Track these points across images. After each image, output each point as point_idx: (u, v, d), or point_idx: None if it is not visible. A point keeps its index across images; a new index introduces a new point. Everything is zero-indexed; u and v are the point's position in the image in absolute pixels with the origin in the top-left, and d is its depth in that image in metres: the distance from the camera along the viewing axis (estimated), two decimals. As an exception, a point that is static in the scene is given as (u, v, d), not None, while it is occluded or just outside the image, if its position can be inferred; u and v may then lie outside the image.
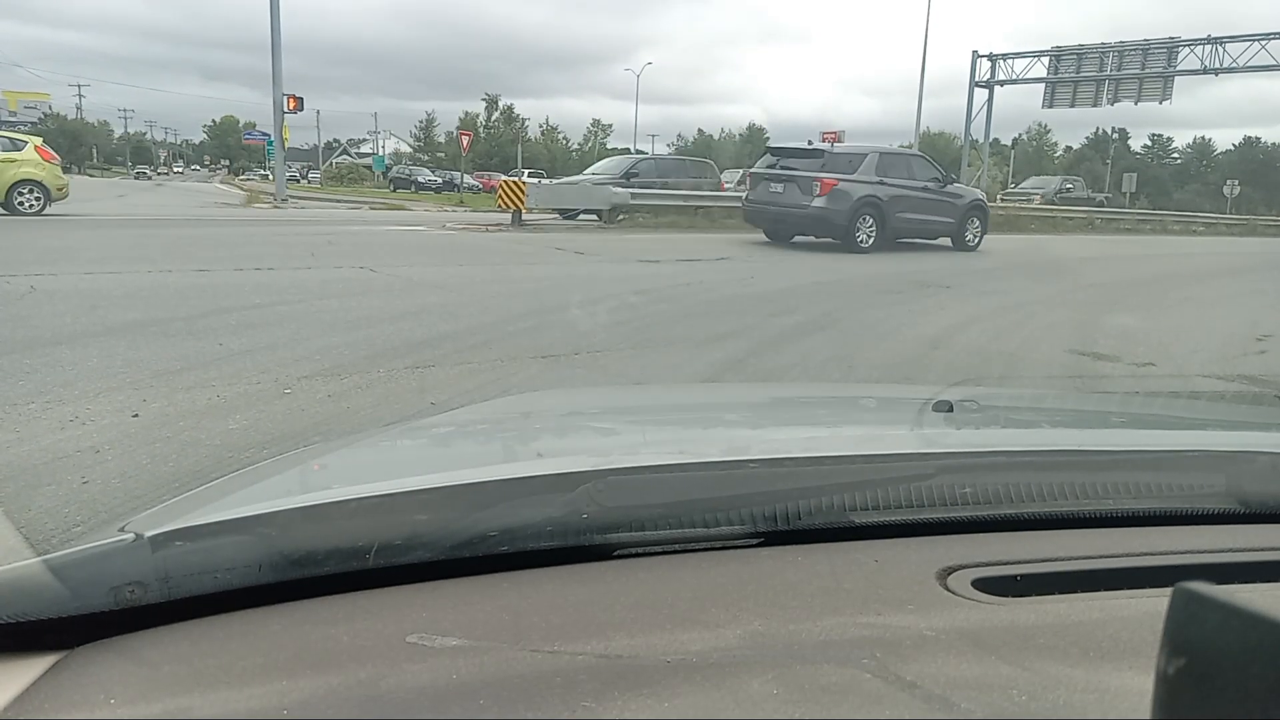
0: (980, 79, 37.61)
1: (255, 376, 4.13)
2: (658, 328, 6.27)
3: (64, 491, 2.59)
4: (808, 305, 7.68)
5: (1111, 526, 0.86)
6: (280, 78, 22.58)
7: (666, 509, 0.78)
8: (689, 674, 0.56)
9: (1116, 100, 35.37)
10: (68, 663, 0.58)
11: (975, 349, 6.01)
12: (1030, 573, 0.74)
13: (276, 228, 13.61)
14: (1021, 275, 11.95)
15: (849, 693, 0.54)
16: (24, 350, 4.42)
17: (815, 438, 1.25)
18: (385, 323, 5.72)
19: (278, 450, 1.52)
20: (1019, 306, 8.41)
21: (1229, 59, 31.97)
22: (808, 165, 13.79)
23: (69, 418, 3.33)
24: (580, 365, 4.85)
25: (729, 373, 4.84)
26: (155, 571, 0.63)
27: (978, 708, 0.53)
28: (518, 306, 6.83)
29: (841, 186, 13.30)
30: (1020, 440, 1.22)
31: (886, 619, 0.64)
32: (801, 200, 13.49)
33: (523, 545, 0.73)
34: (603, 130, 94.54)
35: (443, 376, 4.38)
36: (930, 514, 0.82)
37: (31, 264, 7.54)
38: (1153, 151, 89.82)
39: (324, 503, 0.75)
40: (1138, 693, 0.52)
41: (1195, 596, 0.37)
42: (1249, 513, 0.90)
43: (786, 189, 13.82)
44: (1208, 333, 7.64)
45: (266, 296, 6.50)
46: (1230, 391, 4.98)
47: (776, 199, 13.96)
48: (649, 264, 10.52)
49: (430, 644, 0.59)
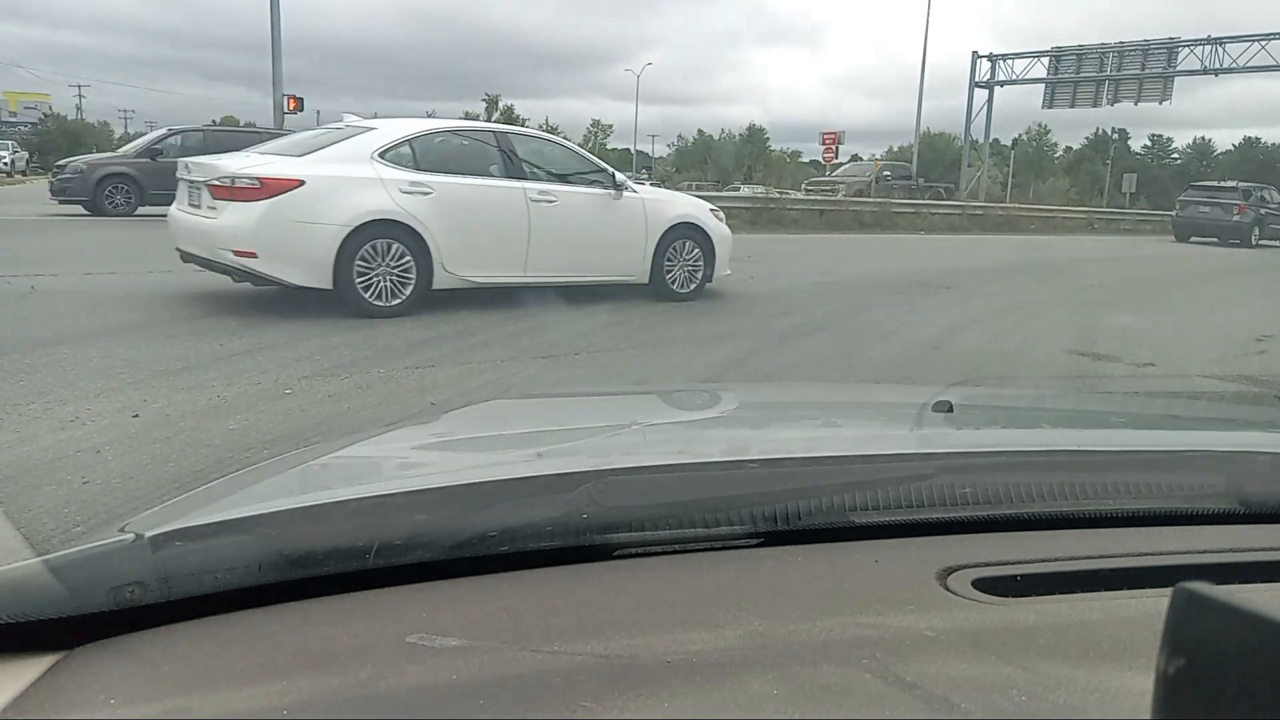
0: (980, 79, 37.59)
1: (255, 376, 4.13)
2: (658, 327, 6.27)
3: (64, 491, 2.59)
4: (808, 305, 7.68)
5: (1111, 526, 0.86)
6: (280, 78, 22.57)
7: (666, 509, 0.78)
8: (689, 674, 0.56)
9: (1116, 101, 35.35)
10: (68, 663, 0.58)
11: (975, 349, 6.01)
12: (1030, 573, 0.74)
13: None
14: (1023, 276, 11.95)
15: (849, 693, 0.54)
16: (24, 350, 4.43)
17: (815, 438, 1.25)
18: (385, 322, 5.72)
19: (278, 450, 1.52)
20: (1019, 307, 8.41)
21: (1229, 59, 31.95)
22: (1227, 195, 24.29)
23: (69, 418, 3.33)
24: (580, 365, 4.85)
25: (729, 373, 4.85)
26: (155, 571, 0.63)
27: (978, 708, 0.53)
28: (517, 306, 6.83)
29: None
30: (1020, 440, 1.22)
31: (886, 619, 0.64)
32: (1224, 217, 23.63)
33: (522, 545, 0.72)
34: (603, 131, 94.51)
35: (443, 376, 4.38)
36: (930, 514, 0.82)
37: (32, 264, 7.54)
38: (1153, 152, 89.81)
39: (324, 503, 0.75)
40: (1138, 693, 0.52)
41: (1195, 596, 0.37)
42: (1249, 513, 0.90)
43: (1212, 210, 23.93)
44: (1208, 333, 7.64)
45: (266, 296, 6.50)
46: (1230, 391, 4.98)
47: (1205, 215, 24.07)
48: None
49: (430, 644, 0.59)
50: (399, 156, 6.14)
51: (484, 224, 6.36)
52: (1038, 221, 26.93)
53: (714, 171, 54.26)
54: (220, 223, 5.64)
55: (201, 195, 5.88)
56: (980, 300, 8.79)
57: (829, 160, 33.55)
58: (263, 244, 5.54)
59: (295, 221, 5.61)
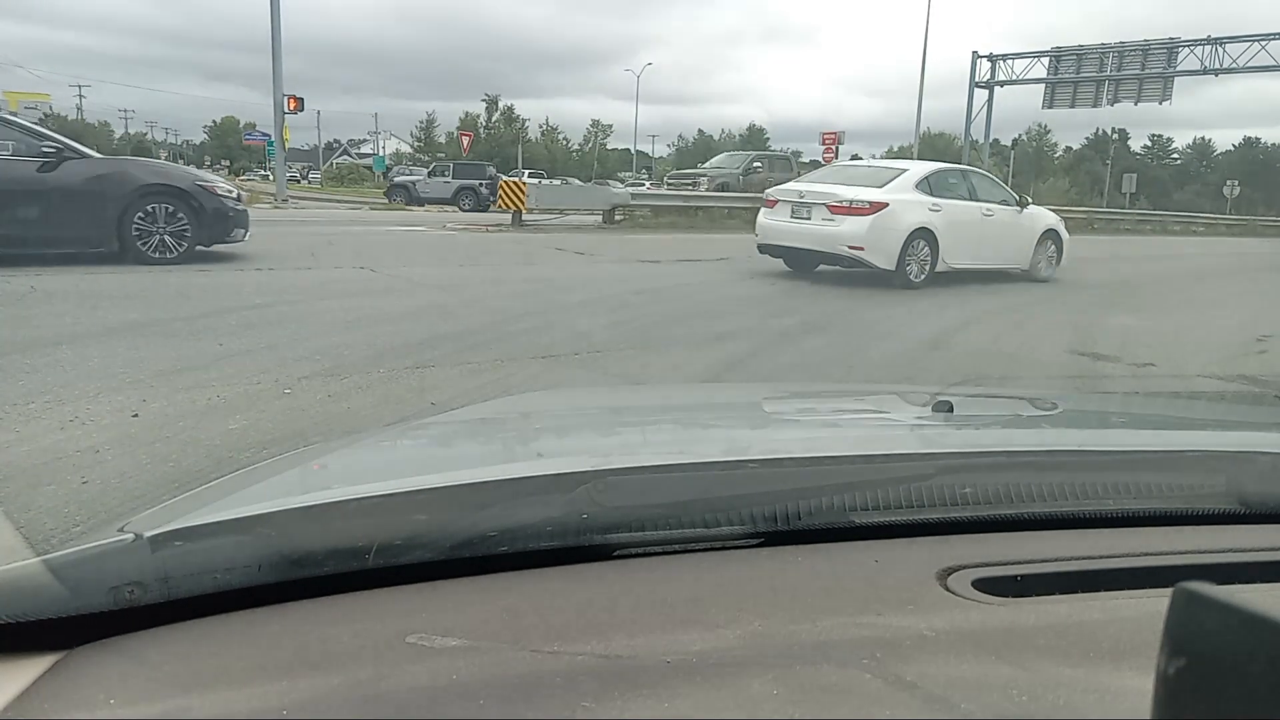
0: (980, 79, 37.60)
1: (255, 376, 4.13)
2: (658, 328, 6.27)
3: (64, 491, 2.59)
4: (808, 305, 7.68)
5: (1111, 526, 0.86)
6: (280, 78, 22.56)
7: (666, 509, 0.78)
8: (689, 674, 0.56)
9: (1116, 101, 35.36)
10: (68, 663, 0.58)
11: (975, 349, 6.01)
12: (1030, 573, 0.74)
13: (277, 228, 13.60)
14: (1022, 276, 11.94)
15: (849, 693, 0.54)
16: (24, 350, 4.43)
17: (815, 438, 1.25)
18: (385, 323, 5.72)
19: (278, 450, 1.52)
20: (1019, 307, 8.41)
21: (1229, 59, 31.95)
22: None
23: (69, 418, 3.33)
24: (580, 365, 4.85)
25: (729, 373, 4.84)
26: (155, 571, 0.63)
27: (978, 708, 0.53)
28: (518, 306, 6.84)
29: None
30: (1020, 440, 1.22)
31: (886, 619, 0.64)
32: None
33: (522, 545, 0.72)
34: (603, 131, 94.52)
35: (443, 376, 4.38)
36: (930, 514, 0.82)
37: (32, 264, 7.54)
38: (1153, 152, 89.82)
39: (324, 503, 0.75)
40: (1138, 693, 0.52)
41: (1195, 596, 0.37)
42: (1249, 513, 0.90)
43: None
44: (1208, 333, 7.64)
45: (267, 296, 6.50)
46: (1230, 391, 4.98)
47: None
48: (649, 264, 10.52)
49: (430, 644, 0.59)
50: (924, 186, 9.74)
51: (965, 230, 9.89)
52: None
53: (714, 171, 54.33)
54: (840, 229, 9.12)
55: (813, 211, 9.40)
56: (980, 300, 8.79)
57: (829, 160, 33.54)
58: (868, 241, 9.03)
59: (884, 228, 9.07)
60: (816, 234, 9.30)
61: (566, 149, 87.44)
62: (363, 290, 7.26)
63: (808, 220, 9.41)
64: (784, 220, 9.67)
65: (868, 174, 10.25)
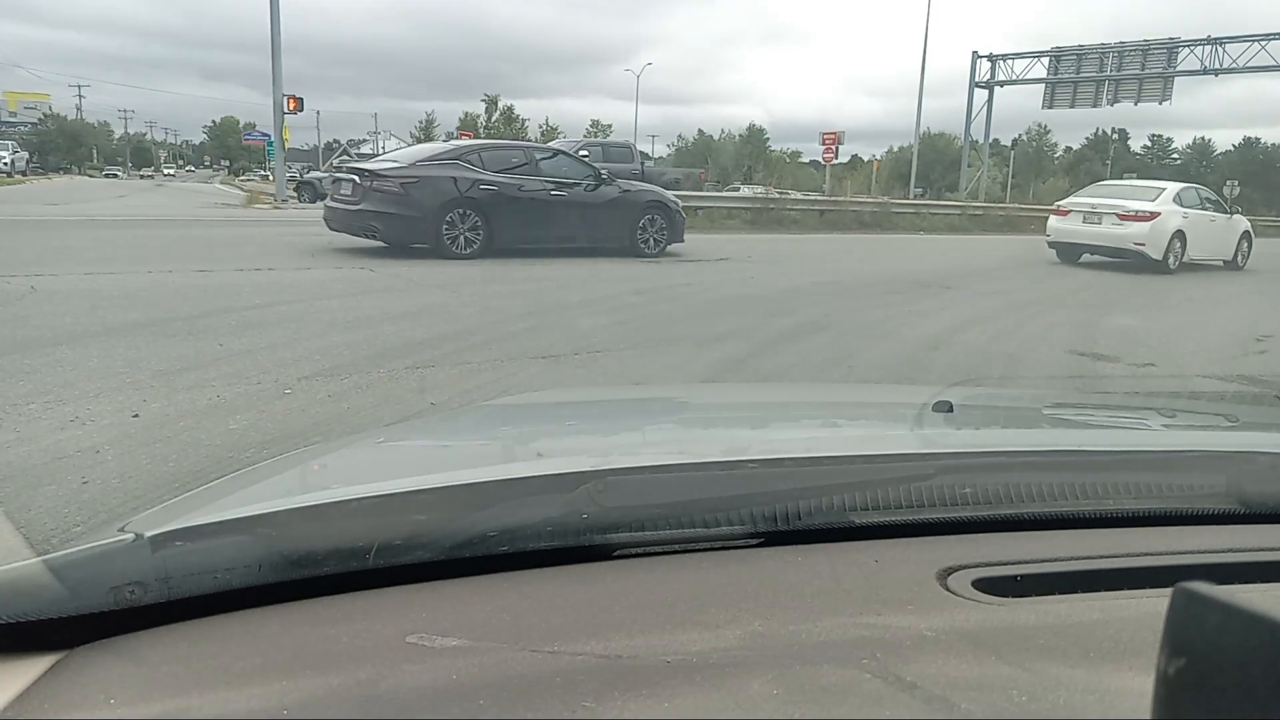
0: (980, 79, 37.61)
1: (255, 376, 4.13)
2: (657, 328, 6.27)
3: (64, 491, 2.59)
4: (808, 306, 7.69)
5: (1111, 526, 0.86)
6: (280, 78, 22.56)
7: (666, 509, 0.78)
8: (689, 674, 0.56)
9: (1116, 101, 35.38)
10: (68, 663, 0.58)
11: (975, 349, 6.01)
12: (1030, 573, 0.74)
13: (277, 228, 13.61)
14: (1023, 276, 11.96)
15: (849, 693, 0.54)
16: (24, 350, 4.42)
17: (815, 438, 1.25)
18: (385, 323, 5.72)
19: (278, 450, 1.52)
20: (1019, 307, 8.41)
21: (1229, 59, 31.98)
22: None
23: (69, 418, 3.33)
24: (580, 365, 4.85)
25: (729, 373, 4.84)
26: (155, 571, 0.63)
27: (978, 708, 0.53)
28: (518, 306, 6.83)
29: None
30: (1020, 440, 1.22)
31: (886, 619, 0.64)
32: None
33: (523, 545, 0.72)
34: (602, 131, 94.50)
35: (443, 376, 4.38)
36: (930, 514, 0.82)
37: (32, 264, 7.54)
38: (1153, 152, 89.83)
39: (324, 503, 0.75)
40: (1138, 693, 0.52)
41: (1195, 596, 0.37)
42: (1249, 513, 0.90)
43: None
44: (1208, 333, 7.64)
45: (267, 297, 6.50)
46: (1230, 391, 4.98)
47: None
48: (648, 264, 10.52)
49: (430, 644, 0.59)
50: (1178, 199, 13.68)
51: (1201, 231, 13.76)
52: (1038, 222, 26.81)
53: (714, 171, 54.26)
54: (1129, 231, 13.02)
55: (1103, 218, 13.36)
56: (980, 300, 8.79)
57: (828, 160, 33.54)
58: (1148, 240, 12.91)
59: (1158, 231, 12.92)
60: (1108, 234, 13.35)
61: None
62: (362, 290, 7.26)
63: (1098, 225, 13.49)
64: (1077, 225, 13.76)
65: (1134, 191, 14.38)
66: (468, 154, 10.21)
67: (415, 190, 9.56)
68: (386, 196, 9.53)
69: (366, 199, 9.60)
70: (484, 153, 10.34)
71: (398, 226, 9.63)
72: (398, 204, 9.51)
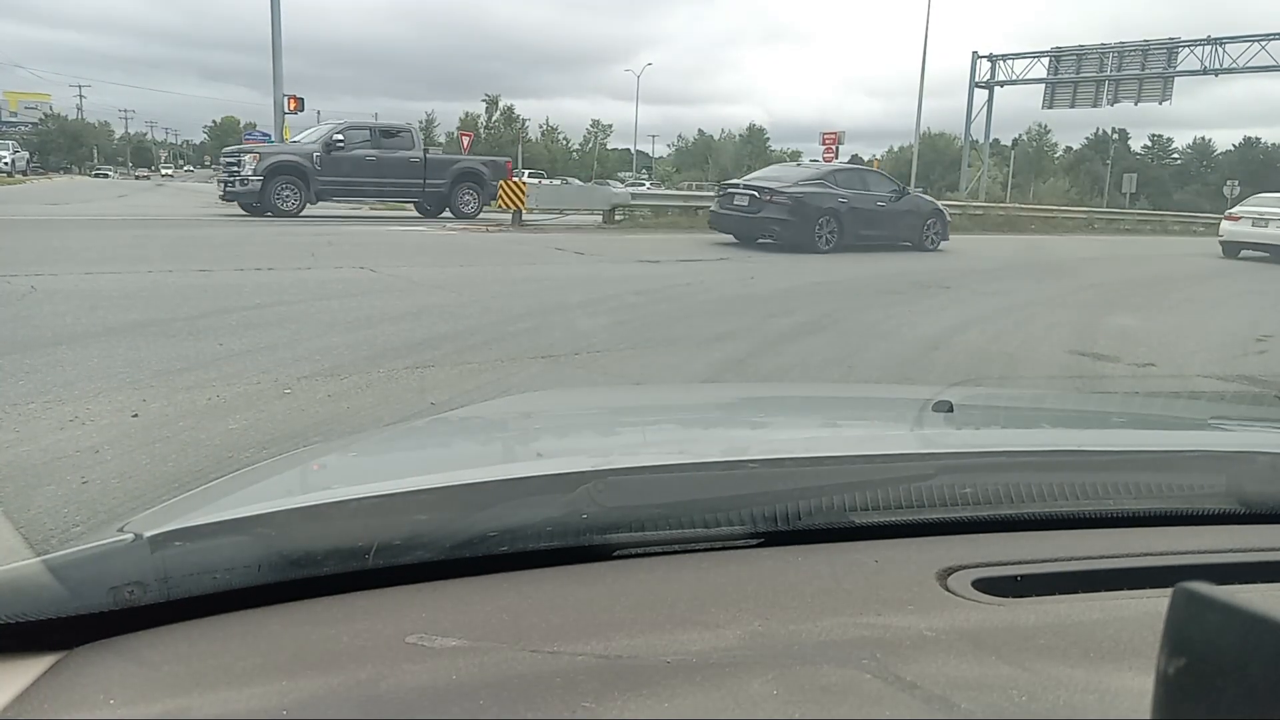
0: (980, 79, 37.61)
1: (255, 376, 4.13)
2: (658, 328, 6.27)
3: (64, 491, 2.59)
4: (808, 306, 7.69)
5: (1111, 526, 0.86)
6: (281, 78, 22.57)
7: (666, 509, 0.78)
8: (689, 674, 0.56)
9: (1116, 101, 35.39)
10: (68, 663, 0.58)
11: (975, 349, 6.01)
12: (1030, 573, 0.74)
13: (277, 228, 13.60)
14: (1020, 276, 11.96)
15: (849, 693, 0.54)
16: (24, 350, 4.42)
17: (815, 438, 1.25)
18: (385, 323, 5.72)
19: (278, 450, 1.52)
20: (1019, 307, 8.41)
21: (1229, 59, 31.98)
22: None
23: (69, 418, 3.33)
24: (580, 365, 4.85)
25: (729, 373, 4.84)
26: (155, 571, 0.63)
27: (978, 708, 0.53)
28: (518, 306, 6.83)
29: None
30: (1020, 440, 1.22)
31: (886, 619, 0.64)
32: None
33: (523, 545, 0.72)
34: (603, 131, 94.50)
35: (443, 376, 4.38)
36: (930, 514, 0.82)
37: (32, 264, 7.54)
38: (1153, 152, 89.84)
39: (324, 503, 0.75)
40: (1138, 693, 0.52)
41: (1195, 596, 0.37)
42: (1249, 513, 0.90)
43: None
44: (1208, 333, 7.64)
45: (267, 297, 6.50)
46: (1230, 391, 4.98)
47: None
48: (649, 264, 10.52)
49: (430, 644, 0.59)
50: None
51: None
52: (1038, 221, 26.93)
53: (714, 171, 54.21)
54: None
55: (1270, 223, 16.30)
56: (980, 300, 8.79)
57: (829, 160, 33.52)
58: None
59: None
60: (1274, 235, 16.43)
61: (566, 149, 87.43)
62: (363, 290, 7.26)
63: (1265, 228, 16.53)
64: (1247, 228, 16.79)
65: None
66: (829, 175, 14.19)
67: (800, 203, 13.04)
68: (782, 207, 13.02)
69: (766, 209, 13.12)
70: (837, 174, 14.36)
71: (789, 229, 13.00)
72: (789, 213, 13.00)
